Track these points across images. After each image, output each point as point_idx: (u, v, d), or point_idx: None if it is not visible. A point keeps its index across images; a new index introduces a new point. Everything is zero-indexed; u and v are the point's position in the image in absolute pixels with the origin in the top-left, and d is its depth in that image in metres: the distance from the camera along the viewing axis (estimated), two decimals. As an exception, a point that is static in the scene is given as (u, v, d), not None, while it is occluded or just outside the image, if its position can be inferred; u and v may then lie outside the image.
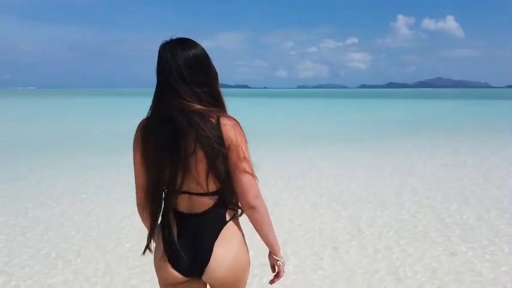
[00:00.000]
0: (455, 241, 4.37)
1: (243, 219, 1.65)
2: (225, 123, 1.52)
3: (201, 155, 1.49)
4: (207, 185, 1.54)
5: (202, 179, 1.53)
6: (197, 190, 1.55)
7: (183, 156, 1.50)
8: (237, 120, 1.57)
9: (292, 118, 26.12)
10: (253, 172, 1.56)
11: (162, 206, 1.61)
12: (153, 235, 1.65)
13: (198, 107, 1.52)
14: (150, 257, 1.70)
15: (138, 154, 1.59)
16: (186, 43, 1.56)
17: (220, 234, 1.58)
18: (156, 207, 1.61)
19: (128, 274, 3.66)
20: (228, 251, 1.58)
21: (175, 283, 1.61)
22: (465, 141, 12.93)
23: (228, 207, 1.62)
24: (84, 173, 8.13)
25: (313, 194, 6.42)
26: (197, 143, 1.48)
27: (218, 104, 1.60)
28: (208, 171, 1.52)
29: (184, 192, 1.56)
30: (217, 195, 1.58)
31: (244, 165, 1.53)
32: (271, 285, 1.76)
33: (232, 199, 1.62)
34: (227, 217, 1.61)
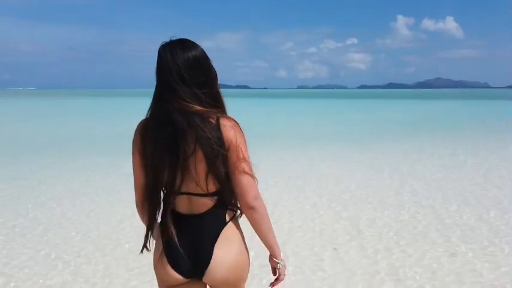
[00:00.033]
0: (455, 242, 4.37)
1: (243, 220, 1.65)
2: (224, 124, 1.52)
3: (200, 156, 1.49)
4: (206, 186, 1.54)
5: (202, 179, 1.53)
6: (197, 191, 1.55)
7: (182, 157, 1.50)
8: (236, 121, 1.57)
9: (292, 118, 26.11)
10: (253, 173, 1.56)
11: (161, 206, 1.61)
12: (151, 235, 1.65)
13: (198, 108, 1.52)
14: (149, 258, 1.69)
15: (137, 155, 1.59)
16: (185, 44, 1.56)
17: (220, 235, 1.58)
18: (154, 207, 1.61)
19: (128, 275, 3.66)
20: (228, 252, 1.57)
21: (176, 284, 1.61)
22: (464, 141, 12.93)
23: (228, 208, 1.62)
24: (85, 173, 8.12)
25: (313, 194, 6.42)
26: (197, 144, 1.48)
27: (218, 105, 1.60)
28: (207, 172, 1.51)
29: (183, 193, 1.56)
30: (217, 196, 1.58)
31: (243, 166, 1.53)
32: (271, 288, 1.76)
33: (232, 200, 1.62)
34: (227, 218, 1.61)
